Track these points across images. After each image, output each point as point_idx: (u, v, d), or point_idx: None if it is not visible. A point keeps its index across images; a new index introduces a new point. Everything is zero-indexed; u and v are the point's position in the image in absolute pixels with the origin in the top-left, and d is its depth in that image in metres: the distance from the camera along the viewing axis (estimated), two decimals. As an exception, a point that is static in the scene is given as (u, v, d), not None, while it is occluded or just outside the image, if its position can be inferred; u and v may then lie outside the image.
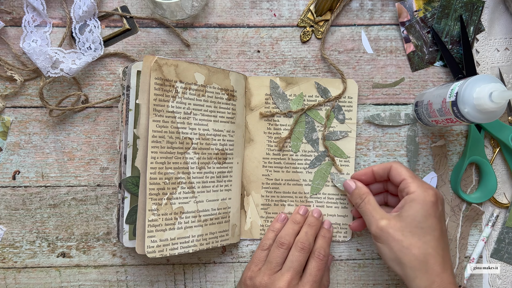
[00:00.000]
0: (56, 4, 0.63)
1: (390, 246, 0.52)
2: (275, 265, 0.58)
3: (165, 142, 0.56)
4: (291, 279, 0.57)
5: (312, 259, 0.59)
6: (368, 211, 0.56)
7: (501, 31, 0.66)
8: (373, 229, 0.54)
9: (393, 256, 0.52)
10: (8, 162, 0.64)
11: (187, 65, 0.58)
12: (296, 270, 0.57)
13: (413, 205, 0.53)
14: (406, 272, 0.51)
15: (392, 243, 0.52)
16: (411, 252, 0.51)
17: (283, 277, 0.57)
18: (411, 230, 0.52)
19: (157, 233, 0.56)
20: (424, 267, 0.51)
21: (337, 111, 0.64)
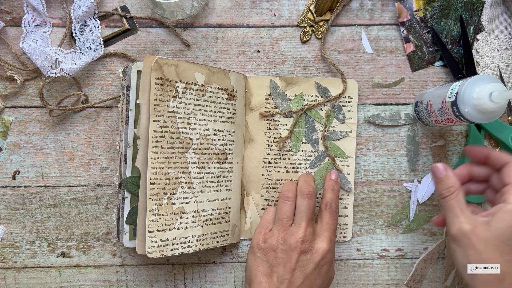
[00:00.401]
0: (56, 4, 0.63)
1: (467, 253, 0.47)
2: (287, 220, 0.56)
3: (165, 142, 0.56)
4: (306, 226, 0.55)
5: (324, 212, 0.58)
6: (453, 209, 0.50)
7: (501, 31, 0.65)
8: (454, 230, 0.49)
9: (467, 263, 0.47)
10: (8, 162, 0.64)
11: (187, 65, 0.58)
12: (308, 217, 0.56)
13: (507, 217, 0.46)
14: (475, 283, 0.47)
15: (470, 250, 0.47)
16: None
17: (299, 228, 0.55)
18: (496, 244, 0.46)
19: (157, 233, 0.56)
20: (498, 285, 0.46)
21: (337, 111, 0.64)
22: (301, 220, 0.56)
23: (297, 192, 0.58)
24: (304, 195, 0.57)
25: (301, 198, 0.57)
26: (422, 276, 0.66)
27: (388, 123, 0.65)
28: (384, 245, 0.66)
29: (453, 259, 0.51)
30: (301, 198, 0.57)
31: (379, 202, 0.66)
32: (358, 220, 0.66)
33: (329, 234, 0.56)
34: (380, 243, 0.66)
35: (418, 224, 0.66)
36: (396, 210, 0.66)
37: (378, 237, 0.66)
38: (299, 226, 0.55)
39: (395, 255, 0.66)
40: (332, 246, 0.56)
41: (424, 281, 0.66)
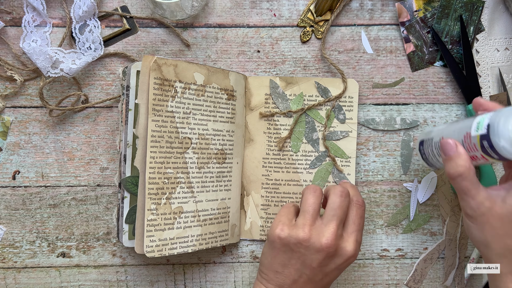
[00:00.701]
0: (56, 4, 0.62)
1: (483, 229, 0.46)
2: (313, 212, 0.52)
3: (164, 142, 0.56)
4: (336, 228, 0.51)
5: (352, 207, 0.54)
6: (466, 190, 0.46)
7: (501, 31, 0.65)
8: (469, 210, 0.47)
9: (483, 239, 0.47)
10: (8, 162, 0.63)
11: (186, 65, 0.57)
12: (340, 218, 0.52)
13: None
14: (491, 256, 0.47)
15: (486, 226, 0.46)
16: (504, 241, 0.46)
17: (328, 228, 0.50)
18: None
19: (156, 233, 0.55)
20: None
21: (338, 111, 0.63)
22: (332, 219, 0.51)
23: (328, 191, 0.54)
24: (337, 193, 0.52)
25: (334, 195, 0.52)
26: (422, 276, 0.66)
27: (383, 128, 0.65)
28: (384, 245, 0.66)
29: (468, 235, 0.49)
30: (334, 195, 0.52)
31: (379, 202, 0.65)
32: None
33: (356, 236, 0.52)
34: (380, 243, 0.66)
35: (418, 224, 0.65)
36: (396, 210, 0.65)
37: (378, 237, 0.66)
38: (328, 225, 0.51)
39: (395, 255, 0.66)
40: (357, 249, 0.53)
41: (424, 281, 0.66)
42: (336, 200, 0.52)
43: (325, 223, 0.51)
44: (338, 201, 0.52)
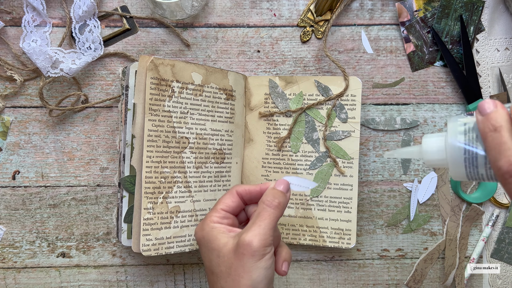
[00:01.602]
0: (56, 4, 0.61)
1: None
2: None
3: (161, 141, 0.55)
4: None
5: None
6: (502, 142, 0.36)
7: (501, 31, 0.64)
8: (506, 164, 0.36)
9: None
10: (8, 162, 0.62)
11: (184, 65, 0.56)
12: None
13: None
14: None
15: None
16: None
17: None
18: None
19: (152, 232, 0.55)
20: None
21: (339, 110, 0.62)
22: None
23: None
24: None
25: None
26: (422, 276, 0.65)
27: (383, 128, 0.64)
28: (384, 245, 0.65)
29: (507, 193, 0.38)
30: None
31: (379, 202, 0.65)
32: (358, 220, 0.64)
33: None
34: (380, 243, 0.65)
35: (418, 224, 0.65)
36: (396, 210, 0.65)
37: (378, 237, 0.65)
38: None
39: (395, 255, 0.65)
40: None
41: (424, 281, 0.65)
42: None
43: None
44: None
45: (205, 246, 0.47)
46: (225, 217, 0.49)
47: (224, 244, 0.45)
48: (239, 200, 0.50)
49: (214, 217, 0.48)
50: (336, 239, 0.61)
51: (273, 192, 0.48)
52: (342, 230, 0.61)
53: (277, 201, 0.47)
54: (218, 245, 0.46)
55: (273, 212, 0.46)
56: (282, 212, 0.48)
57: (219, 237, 0.46)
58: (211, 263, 0.46)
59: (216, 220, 0.48)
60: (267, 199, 0.47)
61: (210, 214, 0.49)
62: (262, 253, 0.44)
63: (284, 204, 0.48)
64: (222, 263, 0.45)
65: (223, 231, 0.47)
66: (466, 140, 0.38)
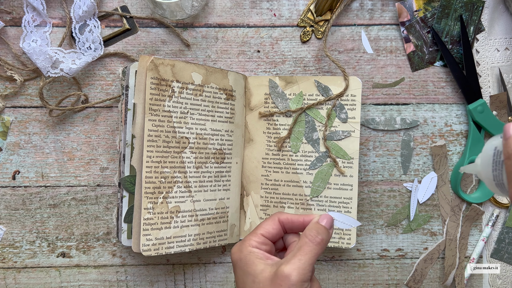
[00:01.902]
0: (56, 4, 0.61)
1: None
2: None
3: (161, 141, 0.54)
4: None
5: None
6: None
7: (501, 31, 0.64)
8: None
9: None
10: (8, 162, 0.62)
11: (184, 65, 0.56)
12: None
13: None
14: None
15: None
16: None
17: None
18: None
19: (152, 232, 0.54)
20: None
21: (339, 110, 0.61)
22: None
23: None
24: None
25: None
26: (422, 276, 0.65)
27: (383, 128, 0.63)
28: (384, 245, 0.65)
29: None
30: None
31: (379, 202, 0.64)
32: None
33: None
34: (380, 243, 0.65)
35: (418, 224, 0.64)
36: (396, 210, 0.64)
37: (378, 237, 0.65)
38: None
39: (395, 255, 0.65)
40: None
41: (424, 281, 0.65)
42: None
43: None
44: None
45: (241, 269, 0.46)
46: (264, 243, 0.48)
47: (261, 271, 0.45)
48: (280, 228, 0.49)
49: (253, 241, 0.47)
50: (336, 239, 0.61)
51: (317, 227, 0.47)
52: (342, 230, 0.61)
53: (320, 238, 0.46)
54: (255, 270, 0.45)
55: (315, 248, 0.46)
56: (323, 249, 0.47)
57: (256, 262, 0.46)
58: (245, 286, 0.46)
59: (255, 245, 0.47)
60: (310, 234, 0.46)
61: (249, 238, 0.48)
62: (299, 287, 0.43)
63: (327, 241, 0.47)
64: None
65: (260, 257, 0.46)
66: (494, 165, 0.39)
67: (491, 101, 0.63)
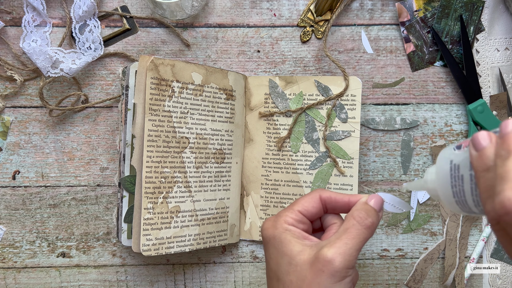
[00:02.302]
0: (56, 4, 0.61)
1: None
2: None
3: (161, 141, 0.54)
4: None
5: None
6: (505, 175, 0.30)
7: (501, 31, 0.64)
8: (499, 203, 0.30)
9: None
10: (8, 162, 0.62)
11: (184, 65, 0.56)
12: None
13: None
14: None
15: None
16: None
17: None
18: None
19: (152, 232, 0.54)
20: None
21: (339, 110, 0.61)
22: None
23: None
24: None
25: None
26: (422, 276, 0.65)
27: (383, 128, 0.63)
28: (384, 245, 0.65)
29: (501, 241, 0.33)
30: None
31: (379, 202, 0.64)
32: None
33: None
34: (380, 243, 0.65)
35: (418, 224, 0.64)
36: (396, 210, 0.64)
37: (378, 237, 0.64)
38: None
39: (395, 255, 0.65)
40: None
41: (424, 281, 0.65)
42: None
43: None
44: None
45: (274, 248, 0.42)
46: (301, 221, 0.43)
47: (298, 252, 0.41)
48: (320, 206, 0.44)
49: (289, 218, 0.43)
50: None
51: (366, 208, 0.42)
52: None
53: (371, 221, 0.41)
54: (292, 251, 0.41)
55: (364, 232, 0.41)
56: (372, 234, 0.42)
57: (293, 241, 0.41)
58: (279, 267, 0.42)
59: (291, 222, 0.43)
60: (359, 215, 0.41)
61: (285, 214, 0.43)
62: (343, 275, 0.39)
63: (376, 225, 0.42)
64: (293, 272, 0.40)
65: (298, 236, 0.42)
66: (452, 180, 0.36)
67: (491, 101, 0.63)
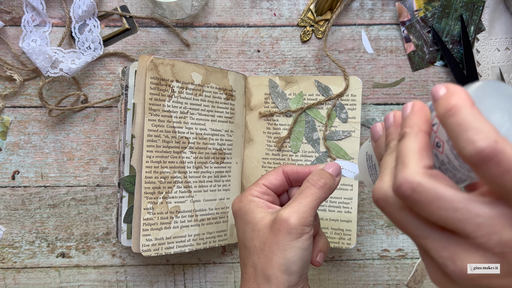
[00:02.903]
0: (56, 4, 0.61)
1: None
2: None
3: (160, 141, 0.54)
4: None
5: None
6: (381, 168, 0.32)
7: (501, 30, 0.63)
8: (470, 228, 0.26)
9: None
10: (7, 162, 0.62)
11: (183, 65, 0.56)
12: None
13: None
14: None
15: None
16: None
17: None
18: None
19: (152, 232, 0.54)
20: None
21: (339, 110, 0.61)
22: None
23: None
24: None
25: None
26: (423, 276, 0.64)
27: (383, 128, 0.63)
28: (384, 245, 0.64)
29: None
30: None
31: (380, 202, 0.64)
32: (358, 220, 0.64)
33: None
34: (380, 243, 0.64)
35: (418, 224, 0.64)
36: (397, 210, 0.64)
37: (378, 237, 0.64)
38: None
39: (395, 255, 0.64)
40: None
41: (425, 281, 0.65)
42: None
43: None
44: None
45: (240, 218, 0.45)
46: (266, 193, 0.46)
47: (260, 219, 0.43)
48: (283, 179, 0.47)
49: (254, 191, 0.46)
50: (336, 239, 0.61)
51: (320, 172, 0.45)
52: (342, 231, 0.61)
53: (323, 181, 0.44)
54: (255, 218, 0.44)
55: (317, 191, 0.43)
56: (327, 195, 0.44)
57: (256, 210, 0.44)
58: (245, 235, 0.44)
59: (256, 194, 0.46)
60: (312, 178, 0.44)
61: (251, 188, 0.46)
62: (300, 232, 0.41)
63: (331, 186, 0.44)
64: (256, 237, 0.43)
65: (261, 205, 0.45)
66: (369, 170, 0.39)
67: (491, 101, 0.63)
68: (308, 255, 0.43)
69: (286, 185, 0.48)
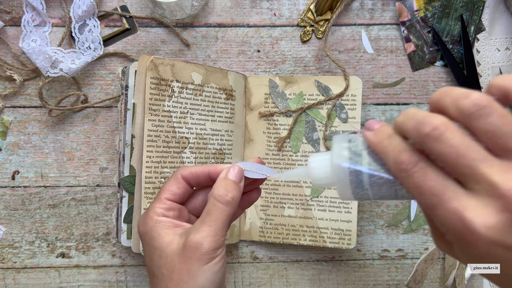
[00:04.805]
0: (56, 4, 0.61)
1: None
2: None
3: (161, 141, 0.54)
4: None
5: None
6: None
7: (501, 30, 0.63)
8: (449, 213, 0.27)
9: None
10: (7, 162, 0.62)
11: (183, 65, 0.56)
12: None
13: None
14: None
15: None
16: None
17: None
18: None
19: None
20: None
21: (340, 109, 0.61)
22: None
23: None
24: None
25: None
26: (423, 276, 0.64)
27: (383, 129, 0.63)
28: (384, 246, 0.64)
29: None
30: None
31: (380, 202, 0.64)
32: (358, 221, 0.64)
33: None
34: (380, 243, 0.64)
35: (418, 224, 0.64)
36: (397, 211, 0.64)
37: (378, 238, 0.64)
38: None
39: (395, 256, 0.64)
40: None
41: (425, 281, 0.65)
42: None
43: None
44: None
45: (146, 244, 0.41)
46: (171, 208, 0.42)
47: (167, 244, 0.40)
48: (185, 185, 0.43)
49: (158, 209, 0.41)
50: (336, 240, 0.61)
51: (225, 184, 0.41)
52: (342, 231, 0.61)
53: (230, 196, 0.40)
54: (161, 243, 0.40)
55: (226, 209, 0.40)
56: (235, 207, 0.41)
57: (162, 234, 0.40)
58: (152, 262, 0.41)
59: (161, 213, 0.41)
60: (218, 193, 0.40)
61: (153, 206, 0.42)
62: (211, 256, 0.39)
63: (238, 197, 0.41)
64: (163, 265, 0.40)
65: (168, 226, 0.41)
66: (352, 163, 0.34)
67: (491, 101, 0.63)
68: (221, 276, 0.40)
69: (189, 190, 0.44)
